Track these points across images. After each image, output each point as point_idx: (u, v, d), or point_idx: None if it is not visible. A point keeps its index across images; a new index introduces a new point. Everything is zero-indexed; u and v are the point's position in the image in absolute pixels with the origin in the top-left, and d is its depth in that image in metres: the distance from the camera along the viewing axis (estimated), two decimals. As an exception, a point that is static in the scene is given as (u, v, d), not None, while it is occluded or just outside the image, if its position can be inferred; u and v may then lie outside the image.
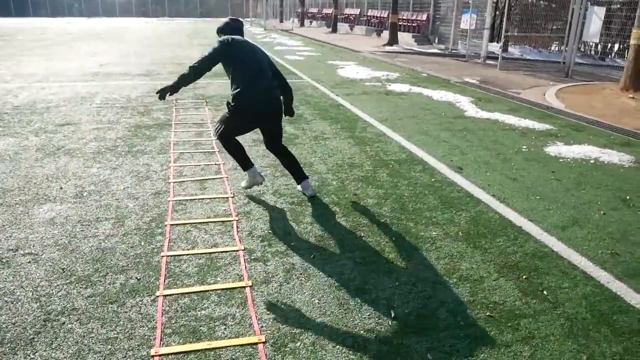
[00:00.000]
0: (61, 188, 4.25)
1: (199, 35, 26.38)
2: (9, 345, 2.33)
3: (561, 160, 5.29)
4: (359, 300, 2.69)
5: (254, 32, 29.79)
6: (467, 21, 15.21)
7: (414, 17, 20.68)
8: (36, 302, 2.65)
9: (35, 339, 2.37)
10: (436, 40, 19.67)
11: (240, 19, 4.13)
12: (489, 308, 2.65)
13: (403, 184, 4.44)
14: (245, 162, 4.06)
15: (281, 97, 3.98)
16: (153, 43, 19.97)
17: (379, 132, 6.25)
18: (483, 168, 4.92)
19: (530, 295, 2.78)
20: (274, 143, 4.09)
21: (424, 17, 19.96)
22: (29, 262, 3.06)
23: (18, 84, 9.64)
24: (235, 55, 3.77)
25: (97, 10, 63.35)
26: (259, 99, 3.76)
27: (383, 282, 2.87)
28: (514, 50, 16.89)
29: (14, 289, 2.78)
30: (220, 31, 3.98)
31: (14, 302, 2.65)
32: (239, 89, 3.72)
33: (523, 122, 6.97)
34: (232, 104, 3.77)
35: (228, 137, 3.94)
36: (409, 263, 3.09)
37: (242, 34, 3.99)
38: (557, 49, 16.57)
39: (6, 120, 6.64)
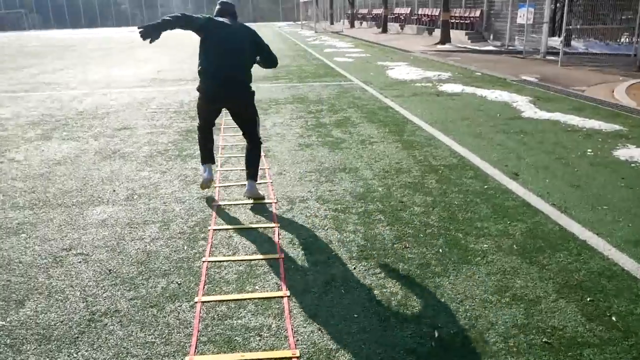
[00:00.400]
0: (114, 190, 4.37)
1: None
2: (55, 342, 2.39)
3: (633, 165, 4.91)
4: (400, 317, 2.57)
5: (304, 35, 29.98)
6: (524, 15, 14.64)
7: (466, 14, 20.15)
8: (83, 302, 2.71)
9: (79, 339, 2.41)
10: (491, 37, 19.08)
11: (231, 2, 4.14)
12: (546, 333, 2.42)
13: (453, 191, 4.27)
14: (205, 154, 4.18)
15: (248, 79, 4.03)
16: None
17: (428, 135, 6.07)
18: (542, 174, 4.64)
19: (595, 320, 2.50)
20: (244, 128, 4.15)
21: (478, 13, 19.41)
22: (80, 262, 3.15)
23: (83, 91, 10.09)
24: (206, 33, 3.85)
25: (157, 17, 65.56)
26: (213, 81, 3.86)
27: (427, 298, 2.73)
28: (578, 44, 16.09)
29: (65, 287, 2.86)
30: (216, 13, 4.08)
31: (63, 301, 2.73)
32: (199, 68, 3.91)
33: (588, 122, 6.56)
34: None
35: (201, 125, 4.19)
36: (457, 278, 2.92)
37: (233, 17, 4.04)
38: (627, 40, 15.63)
39: (70, 125, 6.94)
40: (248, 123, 4.13)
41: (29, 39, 33.71)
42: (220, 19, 3.95)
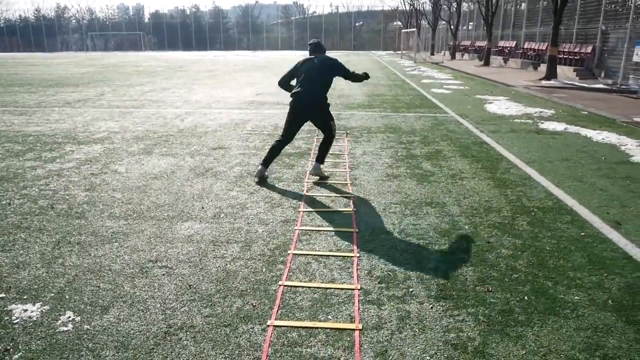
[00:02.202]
0: (203, 207, 4.56)
1: (349, 67, 27.21)
2: (132, 351, 2.49)
3: None
4: (475, 364, 2.42)
5: (403, 65, 29.97)
6: (642, 53, 13.63)
7: (576, 50, 19.10)
8: (162, 314, 2.82)
9: (155, 350, 2.50)
10: (602, 75, 17.92)
11: (319, 41, 5.71)
12: (637, 399, 2.18)
13: (545, 235, 3.99)
14: (267, 158, 5.47)
15: (326, 97, 5.39)
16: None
17: (523, 174, 5.76)
18: (647, 225, 4.23)
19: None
20: (322, 130, 5.53)
21: (589, 49, 18.33)
22: (164, 274, 3.29)
23: (185, 110, 10.75)
24: (300, 68, 5.38)
25: (262, 44, 69.28)
26: (302, 100, 5.27)
27: (507, 348, 2.54)
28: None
29: (147, 298, 2.99)
30: (309, 51, 5.64)
31: (144, 311, 2.85)
32: (292, 90, 5.36)
33: None
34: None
35: (281, 138, 5.47)
36: (542, 329, 2.71)
37: (320, 52, 5.55)
38: None
39: (170, 142, 7.39)
40: (324, 127, 5.48)
41: (144, 58, 36.75)
42: (310, 57, 5.47)
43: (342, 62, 5.56)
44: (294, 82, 5.42)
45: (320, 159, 5.50)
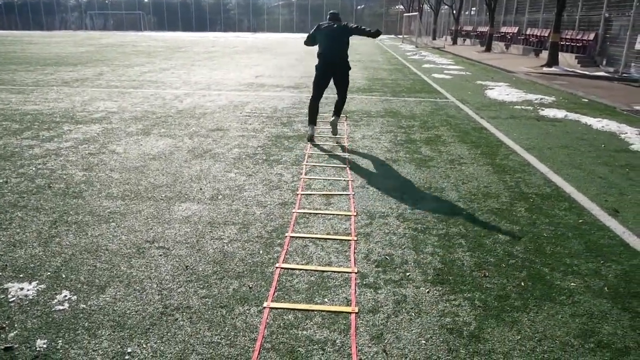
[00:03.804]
0: (201, 189, 4.54)
1: (350, 51, 27.02)
2: (128, 331, 2.50)
3: None
4: (471, 349, 2.42)
5: (404, 49, 29.77)
6: (645, 42, 13.53)
7: (579, 37, 18.94)
8: (158, 295, 2.82)
9: (150, 330, 2.51)
10: (604, 62, 17.81)
11: (337, 13, 6.62)
12: (631, 385, 2.19)
13: (543, 222, 3.99)
14: (311, 117, 6.41)
15: (347, 57, 6.37)
16: (306, 57, 20.88)
17: (522, 160, 5.75)
18: (645, 213, 4.23)
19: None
20: (339, 89, 6.45)
21: (592, 36, 18.18)
22: (160, 255, 3.29)
23: (185, 91, 10.68)
24: (320, 30, 6.32)
25: (263, 26, 68.65)
26: (328, 59, 6.28)
27: (502, 333, 2.55)
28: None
29: (143, 278, 2.99)
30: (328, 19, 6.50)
31: (140, 291, 2.85)
32: (318, 52, 6.31)
33: None
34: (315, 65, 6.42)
35: (312, 97, 6.39)
36: (537, 315, 2.72)
37: (338, 20, 6.42)
38: None
39: (169, 123, 7.35)
40: (343, 86, 6.44)
41: (143, 39, 36.43)
42: (325, 23, 6.43)
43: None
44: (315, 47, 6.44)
45: (337, 112, 6.49)
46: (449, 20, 42.64)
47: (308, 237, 3.61)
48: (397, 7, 64.36)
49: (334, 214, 4.04)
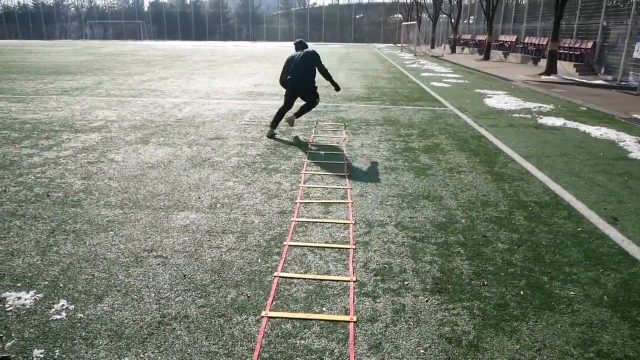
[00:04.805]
0: (199, 198, 4.54)
1: (348, 59, 27.15)
2: (125, 340, 2.48)
3: None
4: (470, 359, 2.40)
5: (403, 58, 29.88)
6: (642, 50, 13.58)
7: (577, 45, 19.03)
8: (156, 304, 2.81)
9: (148, 340, 2.49)
10: (602, 71, 17.88)
11: (302, 40, 7.41)
12: (630, 394, 2.18)
13: (542, 230, 3.99)
14: (274, 123, 7.23)
15: (313, 81, 6.96)
16: (306, 65, 20.89)
17: (521, 169, 5.75)
18: (644, 221, 4.22)
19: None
20: (305, 100, 7.16)
21: (589, 45, 18.27)
22: (158, 264, 3.28)
23: (184, 99, 10.70)
24: (290, 62, 7.03)
25: (262, 34, 68.99)
26: (295, 83, 6.95)
27: (501, 343, 2.54)
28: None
29: (141, 287, 2.98)
30: (295, 46, 7.32)
31: (138, 300, 2.84)
32: (288, 78, 6.98)
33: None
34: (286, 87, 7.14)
35: (283, 106, 7.20)
36: (536, 324, 2.70)
37: (303, 47, 7.16)
38: None
39: (168, 132, 7.36)
40: (307, 98, 7.14)
41: (143, 48, 36.54)
42: (296, 53, 7.09)
43: (321, 56, 7.11)
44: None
45: (298, 114, 7.24)
46: (448, 29, 42.86)
47: (306, 246, 3.61)
48: (395, 16, 64.73)
49: (332, 223, 4.04)
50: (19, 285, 2.98)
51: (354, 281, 3.11)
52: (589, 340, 2.57)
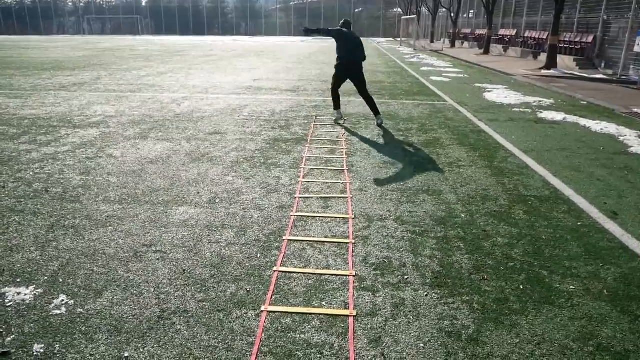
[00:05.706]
0: (198, 193, 4.53)
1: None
2: (125, 335, 2.48)
3: None
4: (469, 353, 2.41)
5: (402, 52, 29.80)
6: (643, 43, 13.53)
7: (577, 39, 18.98)
8: (156, 299, 2.81)
9: (148, 334, 2.49)
10: (602, 65, 17.84)
11: (349, 20, 8.00)
12: (630, 388, 2.18)
13: (542, 224, 3.98)
14: (335, 104, 7.95)
15: (362, 62, 7.61)
16: (304, 60, 20.92)
17: (521, 163, 5.75)
18: (644, 215, 4.22)
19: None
20: (360, 91, 7.67)
21: (590, 38, 18.22)
22: (158, 259, 3.28)
23: (182, 94, 10.67)
24: (341, 38, 7.50)
25: (260, 29, 68.79)
26: (347, 63, 7.49)
27: (501, 336, 2.54)
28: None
29: (141, 282, 2.98)
30: (340, 26, 7.68)
31: (138, 295, 2.84)
32: (338, 56, 7.49)
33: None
34: (335, 65, 7.62)
35: (333, 87, 7.84)
36: (536, 318, 2.71)
37: (349, 28, 7.67)
38: None
39: (167, 127, 7.34)
40: (362, 86, 7.60)
41: (141, 43, 36.42)
42: (345, 30, 7.59)
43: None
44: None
45: (375, 111, 7.77)
46: (447, 23, 42.74)
47: (306, 241, 3.60)
48: (395, 10, 64.51)
49: (332, 217, 4.03)
50: (18, 280, 2.98)
51: (354, 275, 3.11)
52: (588, 335, 2.57)
